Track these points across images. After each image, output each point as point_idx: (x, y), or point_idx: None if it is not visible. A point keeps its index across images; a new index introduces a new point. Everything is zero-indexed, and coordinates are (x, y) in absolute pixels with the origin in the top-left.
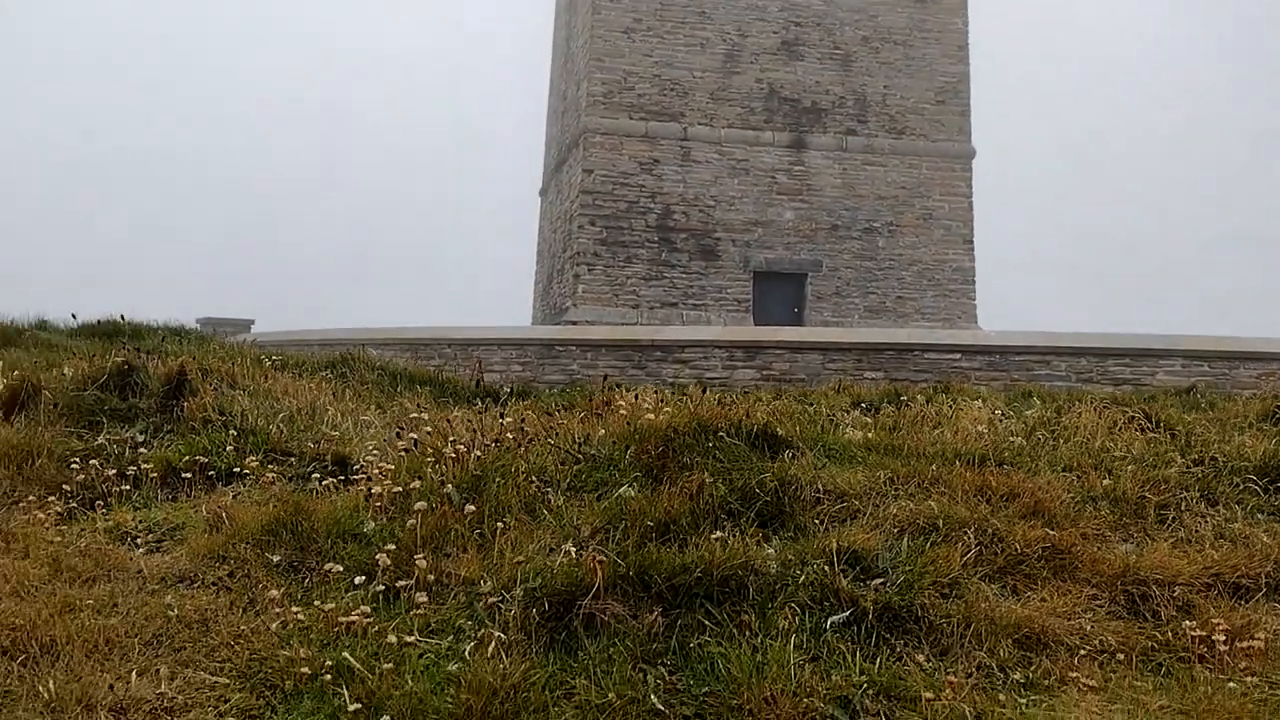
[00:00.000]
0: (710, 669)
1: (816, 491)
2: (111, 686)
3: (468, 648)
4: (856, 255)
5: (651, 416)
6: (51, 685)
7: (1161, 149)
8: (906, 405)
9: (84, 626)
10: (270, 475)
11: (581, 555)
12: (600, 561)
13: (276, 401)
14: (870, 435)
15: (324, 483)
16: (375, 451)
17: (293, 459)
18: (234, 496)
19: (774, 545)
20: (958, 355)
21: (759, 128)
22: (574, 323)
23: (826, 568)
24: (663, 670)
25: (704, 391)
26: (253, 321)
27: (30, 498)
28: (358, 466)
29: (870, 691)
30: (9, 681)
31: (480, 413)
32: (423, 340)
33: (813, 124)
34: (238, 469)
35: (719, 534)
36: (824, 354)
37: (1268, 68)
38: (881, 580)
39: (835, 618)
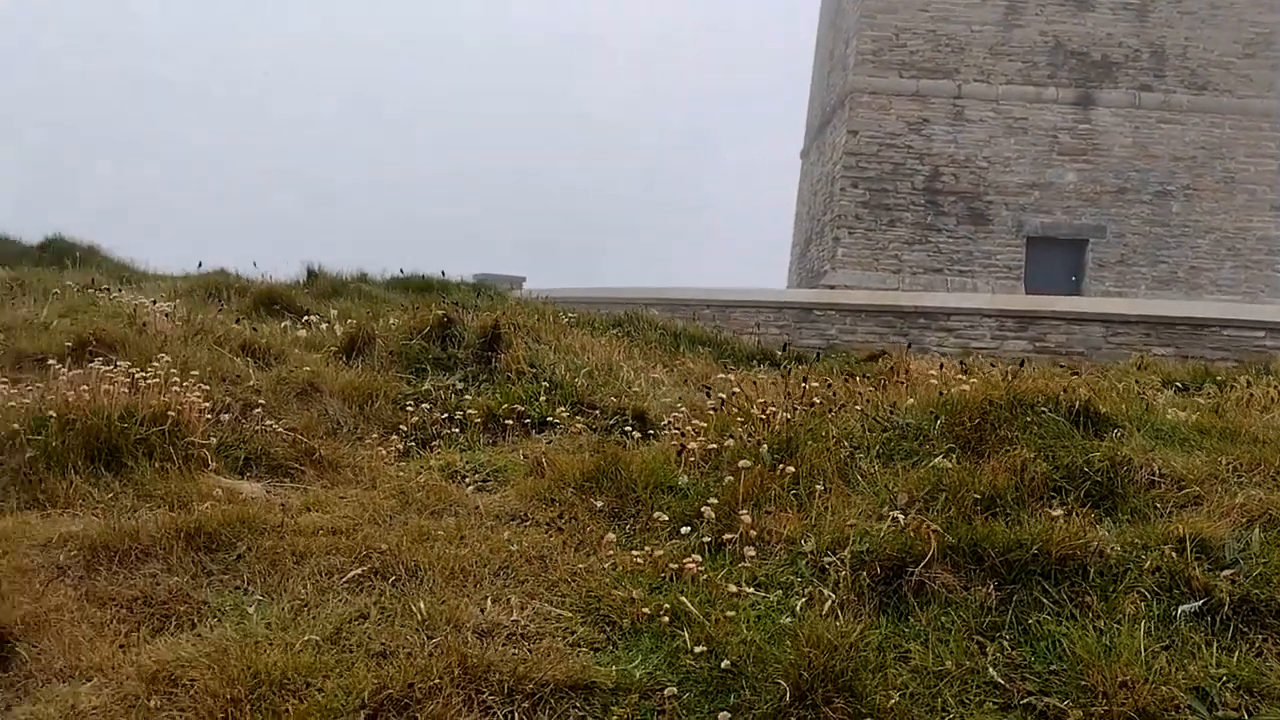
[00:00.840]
0: (1052, 648)
1: (1150, 474)
2: (489, 610)
3: (799, 603)
4: (1145, 221)
5: (966, 387)
6: (423, 606)
7: None
8: (1229, 387)
9: (440, 555)
10: (579, 426)
11: (908, 522)
12: (934, 531)
13: (576, 357)
14: (1199, 417)
15: (629, 436)
16: (682, 408)
17: (596, 411)
18: (547, 443)
19: (1106, 527)
20: (1262, 333)
21: (1041, 84)
22: (831, 287)
23: (1174, 554)
24: (1003, 644)
25: (997, 365)
26: (524, 279)
27: (373, 435)
28: (666, 423)
29: (1230, 685)
30: (383, 600)
31: (784, 375)
32: (682, 301)
33: (1102, 79)
34: (549, 418)
35: (1058, 511)
36: (1106, 326)
37: None
38: (1232, 571)
39: (1186, 606)
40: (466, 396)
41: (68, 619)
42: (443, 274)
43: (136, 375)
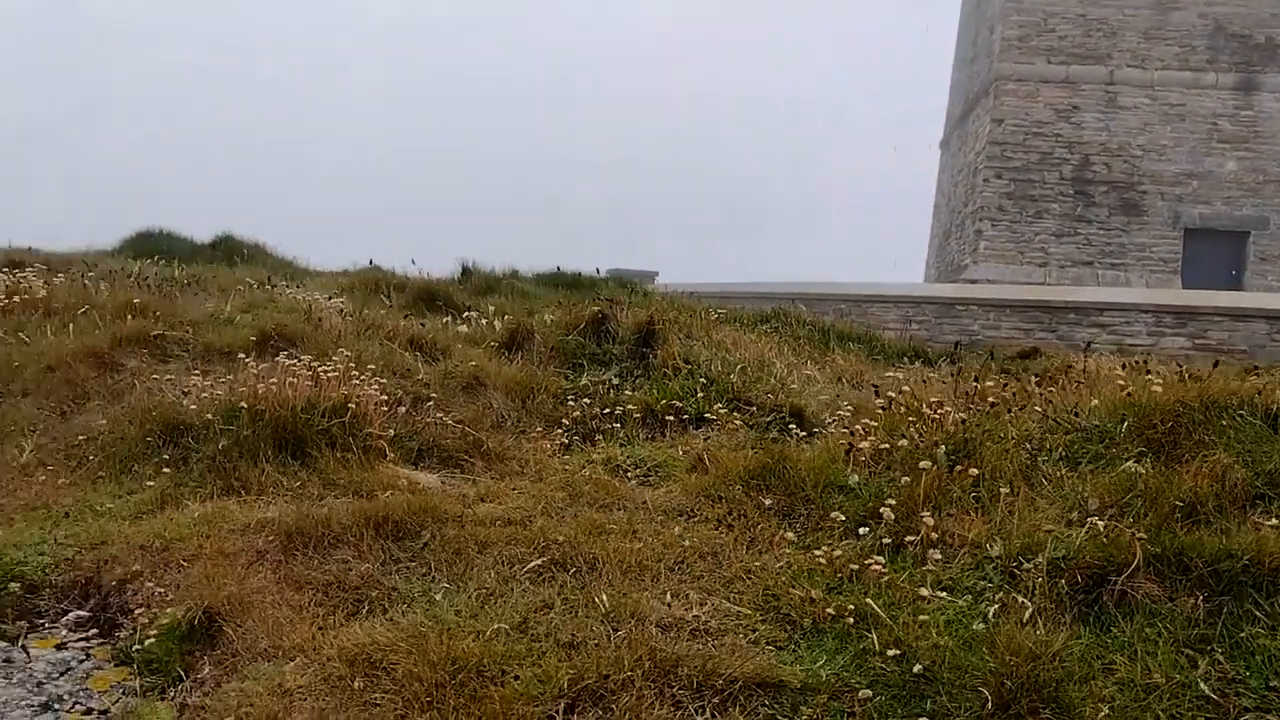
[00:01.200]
0: (1268, 663)
1: None
2: (669, 605)
3: (991, 610)
4: None
5: (1157, 388)
6: (605, 598)
7: None
8: None
9: (616, 549)
10: (736, 422)
11: (1107, 529)
12: (1139, 539)
13: (728, 353)
14: None
15: (787, 433)
16: (847, 406)
17: (752, 408)
18: (705, 439)
19: None
20: None
21: (1199, 68)
22: (973, 281)
23: None
24: (1215, 657)
25: (1166, 364)
26: (656, 273)
27: (536, 428)
28: (831, 421)
29: None
30: (565, 591)
31: (954, 375)
32: (816, 295)
33: (1266, 62)
34: (706, 414)
35: (1273, 521)
36: (1271, 323)
37: None
38: None
39: None
40: (625, 392)
41: (269, 601)
42: (598, 271)
43: (318, 369)
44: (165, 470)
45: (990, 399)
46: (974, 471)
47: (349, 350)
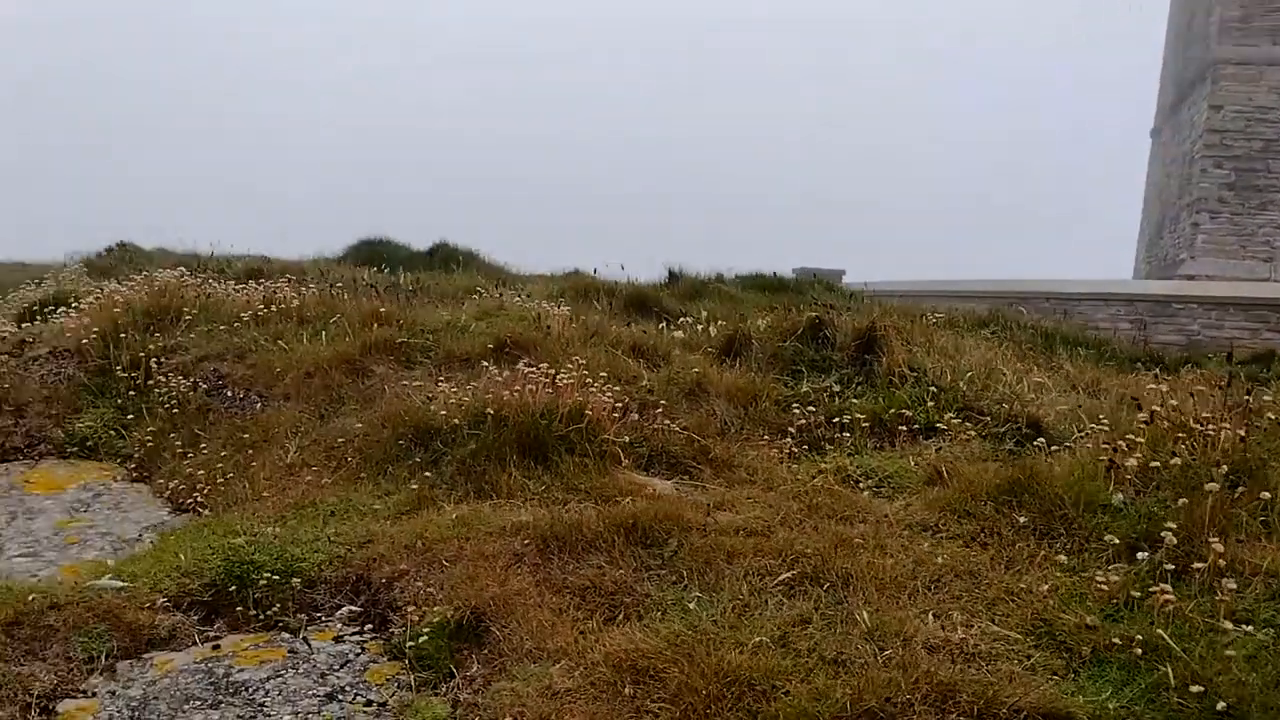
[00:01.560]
0: None
1: None
2: (937, 626)
3: None
4: None
5: None
6: (865, 616)
7: None
8: None
9: (868, 564)
10: (970, 433)
11: None
12: None
13: (950, 359)
14: None
15: (1026, 445)
16: (1104, 421)
17: (985, 418)
18: (936, 450)
19: None
20: None
21: None
22: (1190, 277)
23: None
24: None
25: None
26: (843, 272)
27: (762, 436)
28: (1079, 434)
29: None
30: (822, 606)
31: (1225, 385)
32: (1017, 293)
33: None
34: (936, 424)
35: None
36: None
37: None
38: None
39: None
40: (852, 400)
41: (530, 603)
42: (815, 274)
43: (555, 376)
44: (425, 473)
45: (1271, 415)
46: (1265, 495)
47: (580, 357)
